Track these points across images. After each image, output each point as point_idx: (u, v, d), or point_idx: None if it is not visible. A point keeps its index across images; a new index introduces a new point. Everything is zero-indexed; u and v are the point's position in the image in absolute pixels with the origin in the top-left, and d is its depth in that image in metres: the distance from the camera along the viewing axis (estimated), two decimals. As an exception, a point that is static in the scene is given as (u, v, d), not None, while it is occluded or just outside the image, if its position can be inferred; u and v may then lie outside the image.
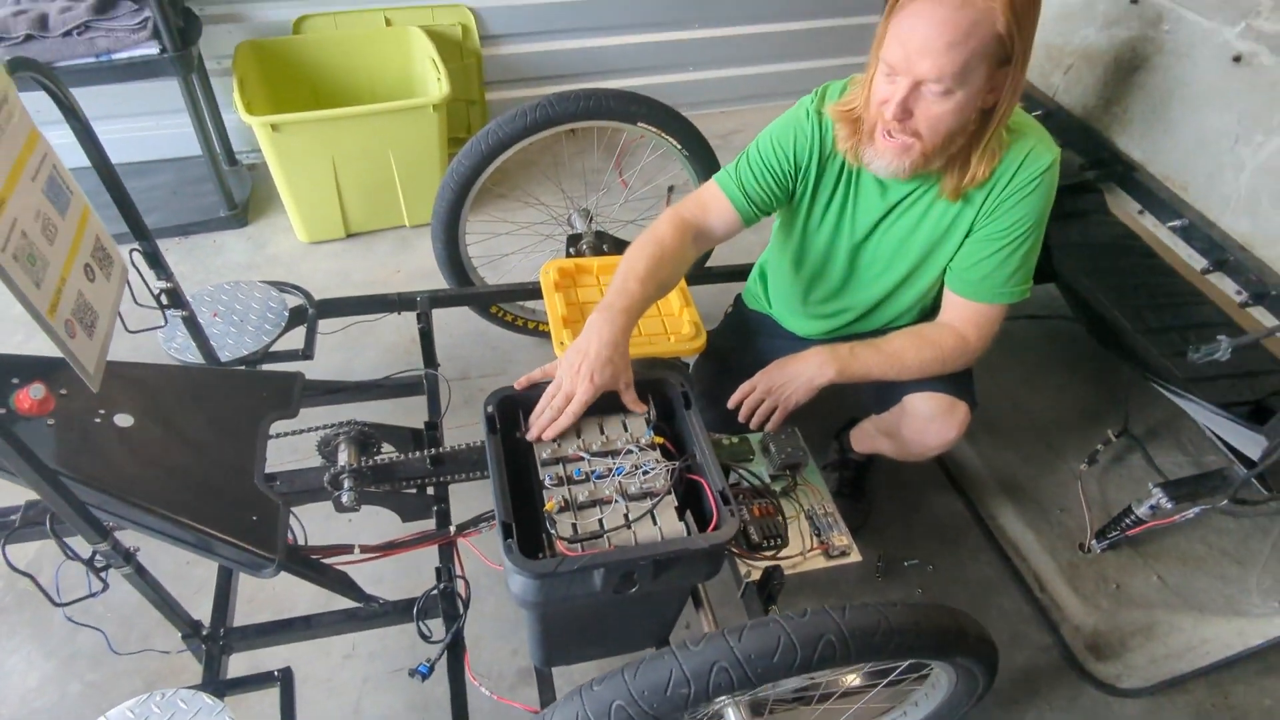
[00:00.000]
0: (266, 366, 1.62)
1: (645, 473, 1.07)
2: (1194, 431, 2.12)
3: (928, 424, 1.44)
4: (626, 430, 1.14)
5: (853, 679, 1.18)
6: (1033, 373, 2.29)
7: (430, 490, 1.41)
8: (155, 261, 1.32)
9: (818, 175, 1.34)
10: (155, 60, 2.12)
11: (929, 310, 1.49)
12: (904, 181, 1.29)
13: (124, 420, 1.18)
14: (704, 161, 1.92)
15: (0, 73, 0.90)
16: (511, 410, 1.14)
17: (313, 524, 1.33)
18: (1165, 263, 1.66)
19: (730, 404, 1.44)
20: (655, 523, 1.02)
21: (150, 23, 2.07)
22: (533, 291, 1.83)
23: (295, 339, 1.70)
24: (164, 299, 1.36)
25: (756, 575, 1.23)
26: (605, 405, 1.14)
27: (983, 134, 1.17)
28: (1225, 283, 1.36)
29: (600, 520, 1.01)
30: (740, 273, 1.83)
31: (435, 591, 1.22)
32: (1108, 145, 1.51)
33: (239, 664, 1.29)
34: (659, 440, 1.12)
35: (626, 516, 1.02)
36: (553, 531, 0.99)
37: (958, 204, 1.28)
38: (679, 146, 1.88)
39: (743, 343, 1.70)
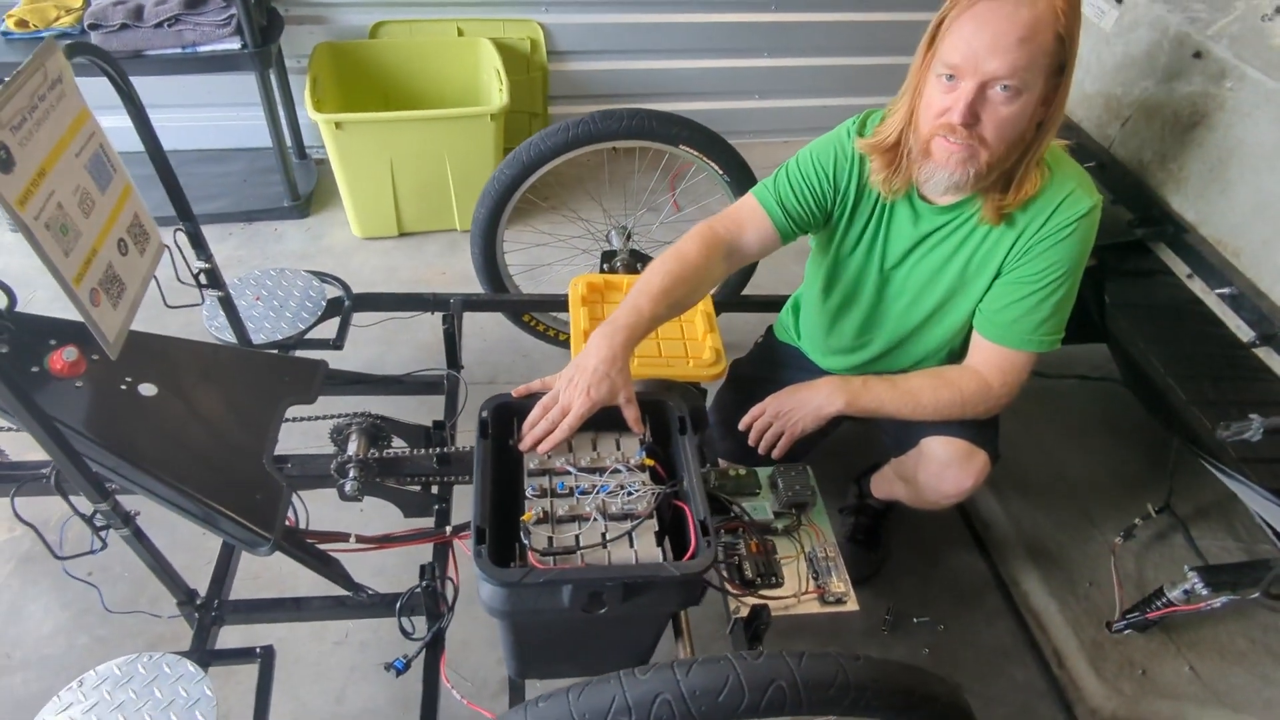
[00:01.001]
0: (298, 353, 1.67)
1: (630, 494, 1.06)
2: (1249, 516, 1.97)
3: (944, 469, 1.39)
4: (619, 449, 1.13)
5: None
6: (1075, 435, 2.18)
7: (434, 489, 1.43)
8: (197, 242, 1.38)
9: (855, 199, 1.32)
10: (236, 55, 2.24)
11: (956, 354, 1.44)
12: (938, 211, 1.26)
13: (148, 390, 1.24)
14: (745, 188, 1.90)
15: (58, 55, 0.96)
16: (508, 418, 1.15)
17: (325, 510, 1.36)
18: (1231, 333, 1.56)
19: (740, 426, 1.42)
20: (632, 545, 1.01)
21: (235, 20, 2.19)
22: (563, 304, 1.84)
23: (330, 329, 1.75)
24: (202, 278, 1.43)
25: (746, 612, 1.20)
26: (602, 421, 1.13)
27: (1030, 150, 1.16)
28: (1274, 359, 1.27)
29: (577, 536, 1.00)
30: (777, 304, 1.81)
31: (419, 589, 1.23)
32: (1160, 203, 1.43)
33: (235, 637, 1.32)
34: (649, 462, 1.11)
35: (604, 535, 1.01)
36: (526, 542, 0.98)
37: (994, 235, 1.25)
38: (720, 171, 1.88)
39: (767, 373, 1.68)
